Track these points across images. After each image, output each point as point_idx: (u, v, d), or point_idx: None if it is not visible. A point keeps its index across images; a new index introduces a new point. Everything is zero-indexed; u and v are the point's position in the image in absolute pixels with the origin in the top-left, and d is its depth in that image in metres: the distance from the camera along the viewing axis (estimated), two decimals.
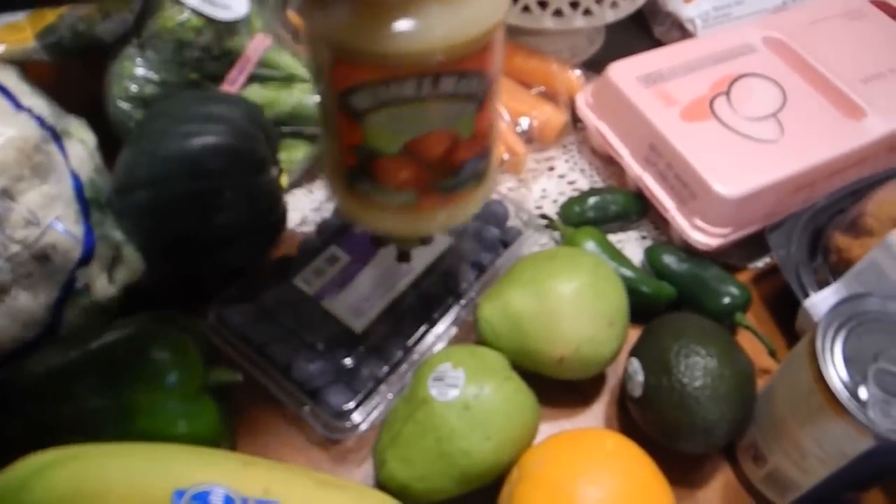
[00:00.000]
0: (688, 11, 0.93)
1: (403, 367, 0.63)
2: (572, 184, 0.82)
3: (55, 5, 0.68)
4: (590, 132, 0.82)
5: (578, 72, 0.85)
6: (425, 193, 0.52)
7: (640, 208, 0.78)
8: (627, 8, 0.85)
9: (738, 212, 0.71)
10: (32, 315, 0.59)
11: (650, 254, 0.75)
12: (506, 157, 0.78)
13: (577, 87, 0.83)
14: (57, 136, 0.62)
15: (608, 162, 0.82)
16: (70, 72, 0.76)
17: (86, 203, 0.62)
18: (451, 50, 0.45)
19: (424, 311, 0.65)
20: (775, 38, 0.84)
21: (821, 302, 0.67)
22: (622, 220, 0.78)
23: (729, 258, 0.77)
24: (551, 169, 0.83)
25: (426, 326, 0.65)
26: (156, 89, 0.71)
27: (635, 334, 0.66)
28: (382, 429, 0.60)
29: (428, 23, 0.43)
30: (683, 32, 0.95)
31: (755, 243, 0.75)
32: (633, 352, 0.64)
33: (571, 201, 0.78)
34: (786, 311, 0.71)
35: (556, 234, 0.77)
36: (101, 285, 0.64)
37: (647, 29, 1.00)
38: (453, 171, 0.51)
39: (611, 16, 0.84)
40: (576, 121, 0.84)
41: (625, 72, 0.78)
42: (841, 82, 0.78)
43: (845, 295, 0.64)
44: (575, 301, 0.61)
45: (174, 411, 0.57)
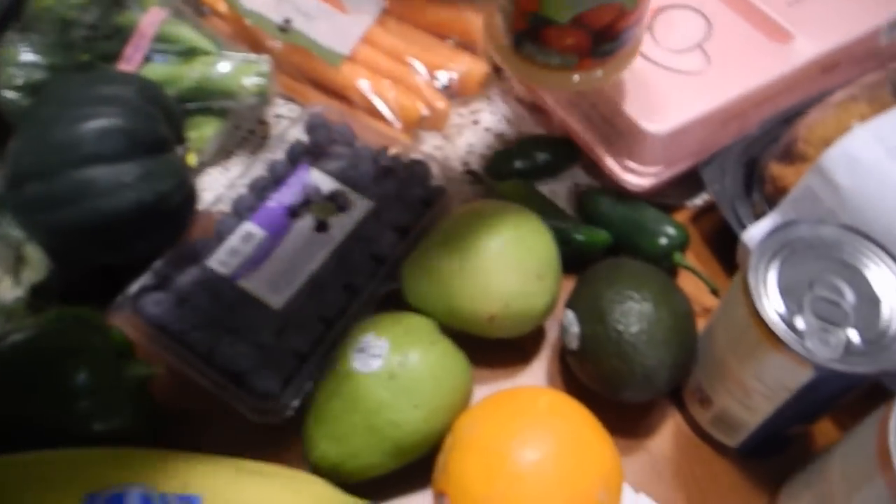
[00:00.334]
0: None
1: (328, 341, 0.60)
2: (499, 135, 0.79)
3: None
4: (512, 80, 0.78)
5: None
6: (585, 58, 0.60)
7: (569, 155, 0.75)
8: None
9: (668, 149, 0.69)
10: None
11: (583, 200, 0.72)
12: (425, 112, 0.74)
13: None
14: None
15: (535, 110, 0.79)
16: None
17: None
18: None
19: (347, 281, 0.62)
20: None
21: (758, 234, 0.64)
22: (552, 169, 0.75)
23: (666, 198, 0.74)
24: (476, 122, 0.80)
25: (349, 296, 0.62)
26: (45, 74, 0.67)
27: (573, 286, 0.63)
28: (310, 407, 0.57)
29: None
30: None
31: (692, 180, 0.72)
32: (568, 303, 0.61)
33: (498, 154, 0.75)
34: (726, 247, 0.69)
35: (484, 190, 0.74)
36: (5, 288, 0.61)
37: None
38: (614, 38, 0.59)
39: None
40: (500, 70, 0.80)
41: None
42: (766, 6, 0.75)
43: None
44: (500, 256, 0.59)
45: (88, 412, 0.55)
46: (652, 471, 0.61)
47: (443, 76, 0.76)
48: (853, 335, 0.49)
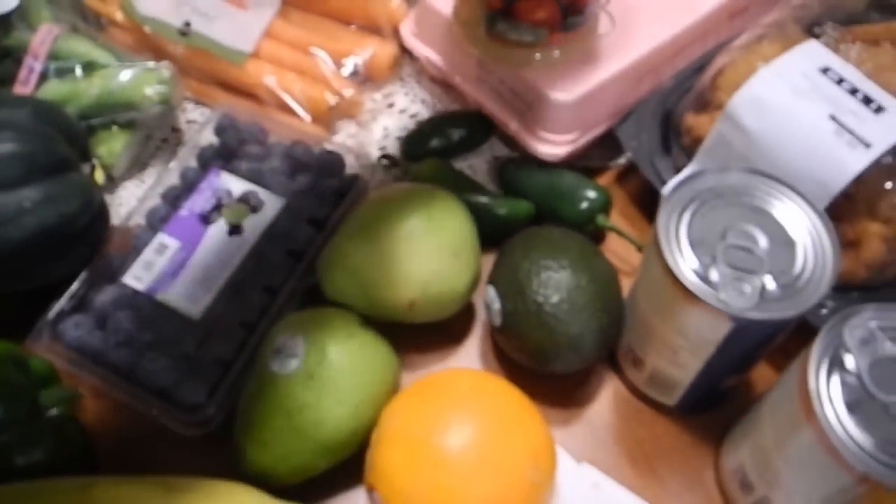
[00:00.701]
0: None
1: (251, 346, 0.59)
2: (414, 117, 0.77)
3: None
4: (421, 61, 0.77)
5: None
6: (554, 31, 0.64)
7: (486, 128, 0.73)
8: None
9: (581, 115, 0.68)
10: None
11: (502, 173, 0.71)
12: (333, 102, 0.73)
13: (400, 15, 0.77)
14: None
15: (449, 88, 0.78)
16: None
17: None
18: None
19: (265, 282, 0.61)
20: None
21: None
22: (469, 144, 0.74)
23: (589, 161, 0.73)
24: (391, 105, 0.78)
25: (269, 297, 0.61)
26: None
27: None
28: (237, 415, 0.56)
29: None
30: None
31: (614, 141, 0.71)
32: (489, 278, 0.60)
33: (411, 134, 0.73)
34: (652, 204, 0.67)
35: (401, 173, 0.72)
36: None
37: None
38: (580, 10, 0.64)
39: None
40: (408, 51, 0.79)
41: None
42: None
43: None
44: (411, 239, 0.57)
45: (5, 446, 0.53)
46: (594, 438, 0.60)
47: (350, 63, 0.75)
48: (768, 281, 0.48)
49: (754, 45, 0.65)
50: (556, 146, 0.68)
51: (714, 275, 0.48)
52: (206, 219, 0.64)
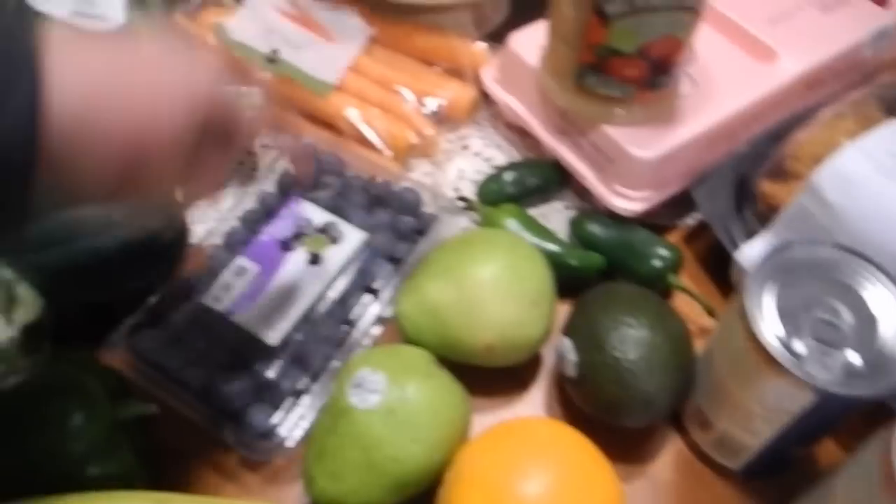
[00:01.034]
0: None
1: (325, 376, 0.60)
2: (489, 160, 0.79)
3: None
4: (500, 107, 0.78)
5: (484, 44, 0.81)
6: (641, 89, 0.65)
7: (560, 178, 0.75)
8: None
9: (657, 173, 0.69)
10: None
11: (575, 224, 0.72)
12: (414, 140, 0.74)
13: (483, 60, 0.79)
14: None
15: (524, 134, 0.79)
16: None
17: None
18: None
19: (342, 314, 0.62)
20: None
21: (751, 253, 0.64)
22: (543, 193, 0.75)
23: (658, 218, 0.74)
24: (466, 147, 0.80)
25: (346, 330, 0.62)
26: None
27: (569, 311, 0.63)
28: (308, 444, 0.57)
29: None
30: None
31: (684, 200, 0.72)
32: (565, 330, 0.61)
33: (488, 179, 0.75)
34: (720, 265, 0.69)
35: (476, 216, 0.73)
36: None
37: None
38: (667, 71, 0.65)
39: None
40: (487, 95, 0.80)
41: (527, 41, 0.74)
42: (749, 25, 0.75)
43: (776, 243, 0.62)
44: (494, 284, 0.58)
45: (82, 456, 0.53)
46: (654, 496, 0.61)
47: (431, 103, 0.76)
48: (852, 357, 0.49)
49: (835, 120, 0.66)
50: (631, 202, 0.69)
51: (799, 346, 0.49)
52: (286, 245, 0.65)
